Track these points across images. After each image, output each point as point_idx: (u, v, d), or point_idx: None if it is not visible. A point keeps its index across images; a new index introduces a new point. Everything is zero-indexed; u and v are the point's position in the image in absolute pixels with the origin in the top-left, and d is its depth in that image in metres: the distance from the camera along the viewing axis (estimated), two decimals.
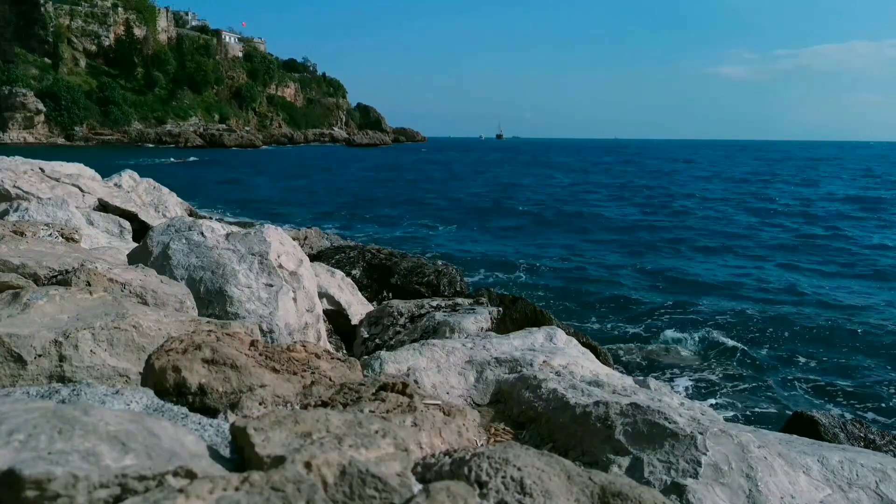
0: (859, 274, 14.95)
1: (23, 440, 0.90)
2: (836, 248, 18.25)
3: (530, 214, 25.16)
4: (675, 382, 7.89)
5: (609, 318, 10.94)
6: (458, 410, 1.53)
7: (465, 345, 2.99)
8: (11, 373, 1.68)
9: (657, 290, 12.96)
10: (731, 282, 13.91)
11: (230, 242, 3.53)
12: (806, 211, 27.10)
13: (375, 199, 29.46)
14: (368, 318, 5.04)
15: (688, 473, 1.90)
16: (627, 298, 12.22)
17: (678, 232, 20.86)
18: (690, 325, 10.54)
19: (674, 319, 10.86)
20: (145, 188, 8.41)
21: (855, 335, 10.16)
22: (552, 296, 12.30)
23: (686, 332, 10.17)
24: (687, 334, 10.09)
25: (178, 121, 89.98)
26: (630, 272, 14.77)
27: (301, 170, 48.76)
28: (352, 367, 1.83)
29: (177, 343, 1.64)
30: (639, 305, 11.74)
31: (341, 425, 1.15)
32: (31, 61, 77.14)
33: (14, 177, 5.92)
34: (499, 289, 9.23)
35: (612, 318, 10.98)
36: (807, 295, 12.82)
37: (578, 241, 19.18)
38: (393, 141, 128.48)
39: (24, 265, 2.56)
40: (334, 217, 23.01)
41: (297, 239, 7.98)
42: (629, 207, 28.00)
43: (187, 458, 0.99)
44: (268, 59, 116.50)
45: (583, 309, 11.54)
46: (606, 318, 10.94)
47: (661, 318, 10.90)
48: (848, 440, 4.46)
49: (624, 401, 2.19)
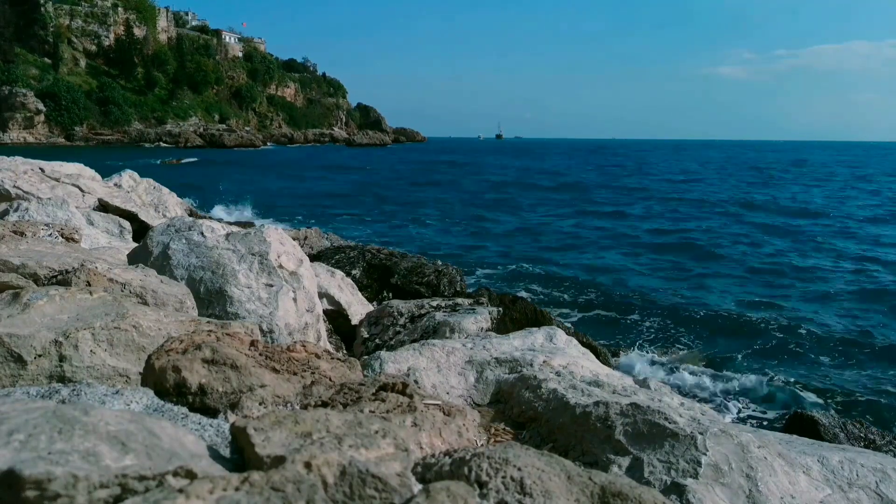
0: (859, 273, 14.96)
1: (23, 440, 0.90)
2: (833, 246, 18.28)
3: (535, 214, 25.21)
4: (675, 382, 7.89)
5: (609, 318, 10.94)
6: (458, 410, 1.53)
7: (465, 345, 2.99)
8: (11, 373, 1.68)
9: (657, 290, 12.96)
10: (730, 281, 13.92)
11: (230, 242, 3.53)
12: (806, 209, 27.14)
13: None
14: (368, 318, 5.04)
15: (688, 473, 1.90)
16: (628, 298, 12.22)
17: (681, 235, 20.86)
18: (690, 325, 10.54)
19: (674, 319, 10.86)
20: (145, 188, 8.42)
21: (855, 335, 10.16)
22: (552, 296, 12.31)
23: (686, 332, 10.18)
24: (687, 334, 10.10)
25: (178, 121, 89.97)
26: (630, 272, 14.77)
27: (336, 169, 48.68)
28: (352, 367, 1.83)
29: (177, 343, 1.64)
30: (639, 305, 11.73)
31: (341, 425, 1.15)
32: (31, 61, 77.14)
33: (14, 177, 5.92)
34: (498, 287, 9.24)
35: (613, 317, 10.98)
36: (806, 295, 12.83)
37: (578, 240, 19.19)
38: (393, 141, 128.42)
39: (24, 265, 2.57)
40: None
41: (297, 239, 7.98)
42: (631, 207, 28.01)
43: (187, 458, 0.99)
44: (268, 59, 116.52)
45: (583, 309, 11.54)
46: (607, 318, 10.94)
47: (661, 318, 10.89)
48: (848, 440, 4.47)
49: (624, 401, 2.19)
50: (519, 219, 23.95)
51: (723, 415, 6.24)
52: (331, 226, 17.85)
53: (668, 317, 11.00)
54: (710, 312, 11.26)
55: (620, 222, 23.25)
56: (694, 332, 10.22)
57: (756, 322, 10.73)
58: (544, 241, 19.00)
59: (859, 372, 8.66)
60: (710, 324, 10.60)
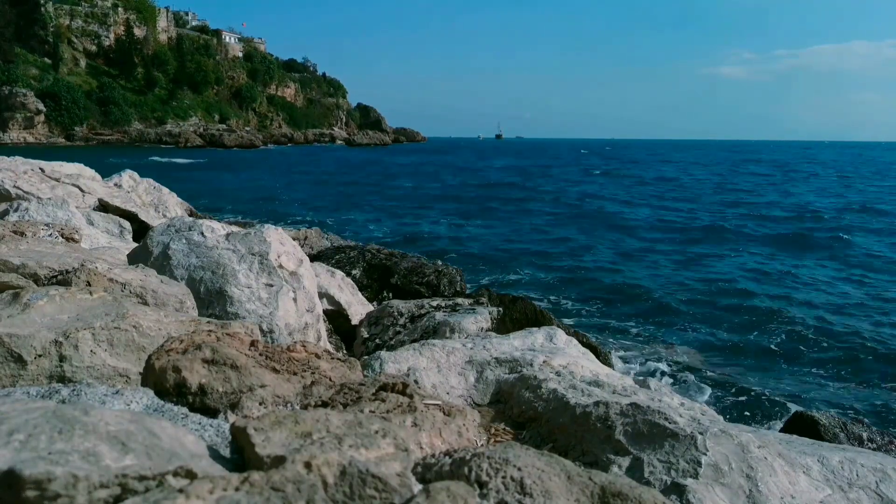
0: (859, 274, 14.94)
1: (23, 440, 0.90)
2: (841, 244, 18.27)
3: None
4: (675, 382, 7.89)
5: (610, 318, 10.94)
6: (458, 410, 1.53)
7: (466, 345, 3.00)
8: (11, 373, 1.68)
9: (657, 290, 12.96)
10: (730, 281, 13.91)
11: (230, 242, 3.53)
12: (804, 210, 27.14)
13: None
14: (368, 318, 5.04)
15: (688, 473, 1.90)
16: (628, 298, 12.22)
17: (684, 233, 20.87)
18: (691, 325, 10.54)
19: (675, 319, 10.87)
20: (145, 188, 8.41)
21: (855, 336, 10.15)
22: (552, 295, 12.31)
23: (686, 332, 10.18)
24: (687, 334, 10.10)
25: (178, 121, 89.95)
26: (630, 272, 14.77)
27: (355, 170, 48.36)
28: (352, 367, 1.83)
29: (177, 343, 1.64)
30: (639, 305, 11.74)
31: (341, 425, 1.15)
32: (31, 61, 77.12)
33: (14, 177, 5.92)
34: (498, 287, 9.23)
35: (613, 317, 10.98)
36: (807, 296, 12.82)
37: (579, 240, 19.18)
38: (393, 141, 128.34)
39: (25, 265, 2.56)
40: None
41: (297, 239, 7.98)
42: (630, 207, 28.01)
43: (187, 458, 0.99)
44: (268, 59, 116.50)
45: (583, 309, 11.54)
46: (607, 318, 10.94)
47: (661, 318, 10.90)
48: (848, 440, 4.46)
49: (624, 401, 2.19)
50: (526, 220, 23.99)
51: (722, 415, 6.24)
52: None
53: (669, 316, 11.01)
54: (710, 313, 11.26)
55: (622, 221, 23.27)
56: (694, 331, 10.22)
57: (756, 322, 10.73)
58: (546, 241, 19.01)
59: (860, 372, 8.66)
60: (711, 324, 10.59)
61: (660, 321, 10.76)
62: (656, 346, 9.51)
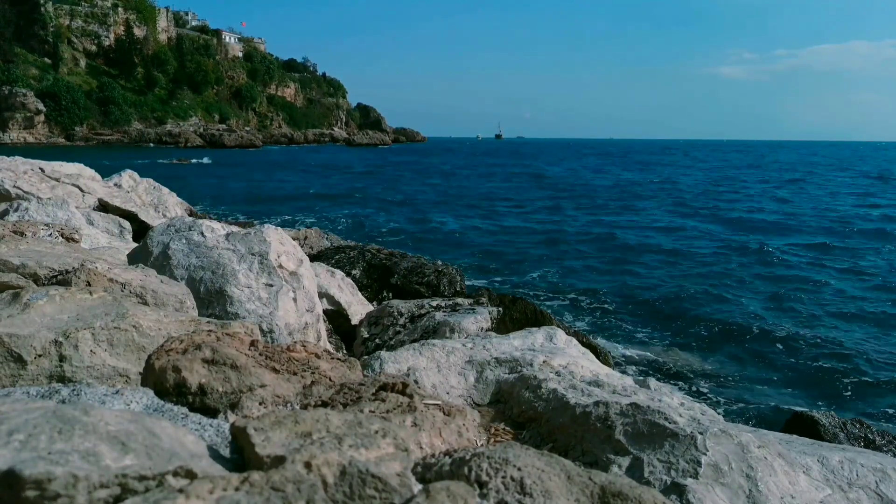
0: (859, 275, 14.94)
1: (23, 440, 0.90)
2: (840, 248, 18.27)
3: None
4: (675, 382, 7.89)
5: (609, 318, 10.94)
6: (458, 410, 1.53)
7: (465, 345, 3.00)
8: (11, 373, 1.68)
9: (657, 291, 12.96)
10: (729, 281, 13.90)
11: (230, 242, 3.53)
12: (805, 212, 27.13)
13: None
14: (368, 318, 5.04)
15: (688, 473, 1.90)
16: (628, 298, 12.22)
17: (681, 233, 20.86)
18: (690, 325, 10.54)
19: (675, 319, 10.86)
20: (145, 188, 8.42)
21: (855, 336, 10.16)
22: (552, 295, 12.30)
23: (686, 332, 10.18)
24: (687, 334, 10.09)
25: (178, 121, 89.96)
26: (630, 272, 14.76)
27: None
28: (352, 367, 1.83)
29: (177, 343, 1.64)
30: (639, 305, 11.73)
31: (341, 425, 1.15)
32: (31, 61, 77.12)
33: (14, 177, 5.93)
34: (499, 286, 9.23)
35: (613, 317, 10.98)
36: (806, 296, 12.82)
37: (579, 240, 19.18)
38: (393, 141, 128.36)
39: (24, 265, 2.56)
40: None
41: (296, 239, 7.98)
42: (630, 207, 28.01)
43: (187, 458, 0.99)
44: (268, 59, 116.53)
45: (583, 308, 11.54)
46: (607, 318, 10.94)
47: (661, 318, 10.90)
48: (848, 440, 4.47)
49: (624, 401, 2.19)
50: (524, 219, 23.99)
51: (722, 415, 6.24)
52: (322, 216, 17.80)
53: (669, 316, 11.00)
54: (711, 313, 11.25)
55: (620, 223, 23.26)
56: (695, 332, 10.22)
57: (755, 322, 10.73)
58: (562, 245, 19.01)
59: (859, 372, 8.66)
60: (712, 324, 10.59)
61: (660, 321, 10.75)
62: (656, 345, 9.51)
